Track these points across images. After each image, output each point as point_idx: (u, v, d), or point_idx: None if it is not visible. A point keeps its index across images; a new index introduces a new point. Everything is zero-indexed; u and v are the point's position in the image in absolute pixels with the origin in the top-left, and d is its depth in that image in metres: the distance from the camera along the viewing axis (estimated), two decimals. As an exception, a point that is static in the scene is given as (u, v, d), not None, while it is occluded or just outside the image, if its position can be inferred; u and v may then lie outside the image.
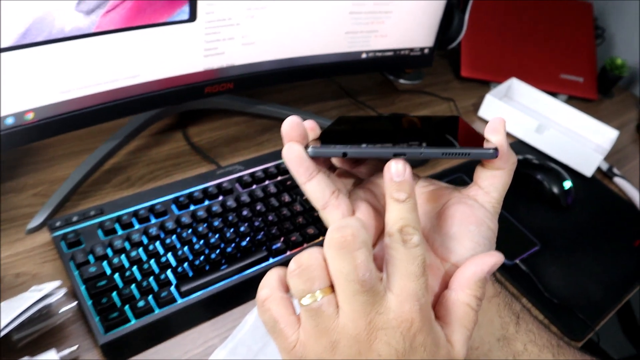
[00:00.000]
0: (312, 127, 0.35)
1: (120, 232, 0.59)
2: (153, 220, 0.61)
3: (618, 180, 0.94)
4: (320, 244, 0.29)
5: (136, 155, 0.74)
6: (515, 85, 1.09)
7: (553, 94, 1.16)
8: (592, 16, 1.25)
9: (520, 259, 0.71)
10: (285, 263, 0.62)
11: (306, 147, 0.32)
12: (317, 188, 0.32)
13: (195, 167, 0.74)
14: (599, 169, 0.97)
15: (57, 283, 0.50)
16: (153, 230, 0.59)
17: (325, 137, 0.35)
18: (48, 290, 0.49)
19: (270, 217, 0.64)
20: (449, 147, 0.32)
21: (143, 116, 0.73)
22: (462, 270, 0.32)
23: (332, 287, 0.29)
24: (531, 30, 1.21)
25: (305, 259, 0.29)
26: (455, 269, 0.33)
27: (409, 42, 0.84)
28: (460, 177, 0.83)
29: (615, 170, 0.96)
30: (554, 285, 0.69)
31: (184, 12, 0.59)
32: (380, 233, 0.35)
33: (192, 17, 0.60)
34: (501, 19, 1.20)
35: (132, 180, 0.70)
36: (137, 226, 0.60)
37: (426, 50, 0.87)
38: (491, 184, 0.35)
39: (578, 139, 1.02)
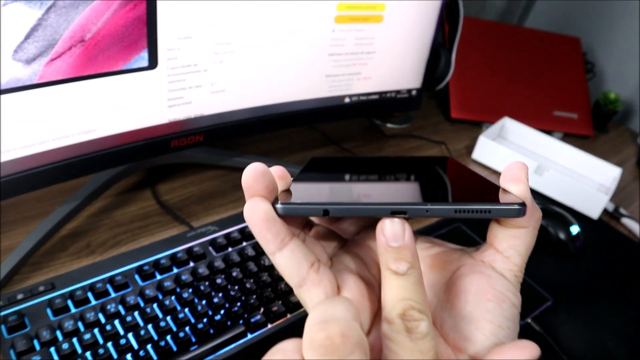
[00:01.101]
0: (280, 175, 0.28)
1: (73, 310, 0.51)
2: (112, 295, 0.53)
3: (626, 221, 0.88)
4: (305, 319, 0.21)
5: (98, 218, 0.66)
6: (509, 125, 1.04)
7: (548, 132, 1.11)
8: (581, 51, 1.21)
9: (532, 317, 0.63)
10: (265, 338, 0.54)
11: (274, 202, 0.25)
12: (291, 260, 0.25)
13: (165, 228, 0.66)
14: (604, 210, 0.91)
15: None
16: (111, 307, 0.51)
17: (299, 188, 0.28)
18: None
19: (248, 285, 0.57)
20: (463, 203, 0.25)
21: (106, 174, 0.66)
22: None
23: None
24: (520, 67, 1.17)
25: None
26: None
27: (394, 84, 0.78)
28: (459, 227, 0.76)
29: (622, 211, 0.90)
30: (571, 344, 0.62)
31: (142, 58, 0.53)
32: (375, 315, 0.27)
33: (153, 64, 0.54)
34: (488, 58, 1.15)
35: (92, 246, 0.62)
36: (93, 302, 0.52)
37: (414, 92, 0.82)
38: (512, 247, 0.28)
39: (580, 179, 0.96)
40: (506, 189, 0.27)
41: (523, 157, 0.91)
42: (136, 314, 0.52)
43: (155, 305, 0.53)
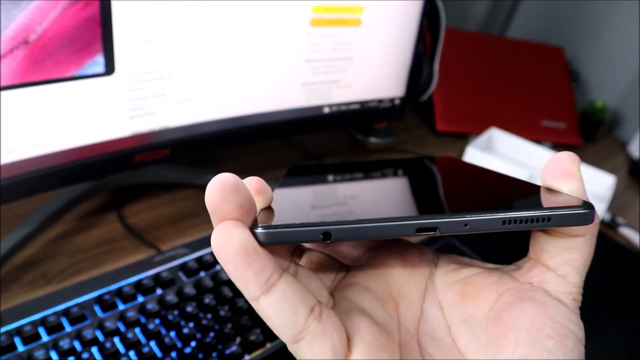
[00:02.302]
0: (258, 189, 0.21)
1: (20, 348, 0.45)
2: (67, 329, 0.47)
3: (624, 230, 0.83)
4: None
5: (57, 244, 0.60)
6: (496, 136, 1.00)
7: (536, 142, 1.07)
8: (565, 60, 1.19)
9: (535, 337, 0.58)
10: (242, 372, 0.48)
11: (254, 227, 0.19)
12: (282, 306, 0.19)
13: (131, 253, 0.61)
14: (601, 221, 0.87)
15: None
16: (65, 343, 0.45)
17: (283, 205, 0.21)
18: None
19: (222, 312, 0.51)
20: (511, 211, 0.19)
21: (66, 195, 0.60)
22: None
23: None
24: (504, 78, 1.14)
25: None
26: None
27: (376, 93, 0.74)
28: (450, 243, 0.71)
29: (619, 220, 0.86)
30: (578, 365, 0.56)
31: (97, 63, 0.48)
32: None
33: (110, 69, 0.49)
34: (472, 69, 1.12)
35: (49, 276, 0.56)
36: (44, 338, 0.46)
37: (397, 101, 0.77)
38: (568, 262, 0.22)
39: (572, 188, 0.92)
40: (553, 188, 0.22)
41: (514, 167, 0.87)
42: (94, 350, 0.46)
43: (116, 339, 0.47)
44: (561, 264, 0.22)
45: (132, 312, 0.49)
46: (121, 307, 0.50)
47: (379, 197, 0.24)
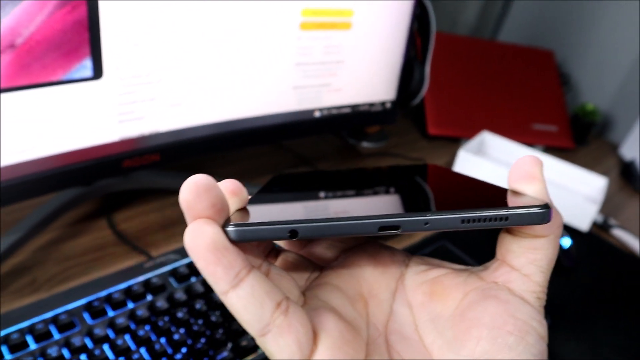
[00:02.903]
0: (233, 190, 0.22)
1: (8, 357, 0.44)
2: (55, 337, 0.46)
3: (617, 232, 0.84)
4: None
5: (46, 251, 0.59)
6: (488, 139, 1.00)
7: (528, 145, 1.07)
8: (555, 63, 1.19)
9: (529, 339, 0.58)
10: (233, 378, 0.48)
11: (225, 225, 0.20)
12: (249, 300, 0.19)
13: (122, 260, 0.60)
14: (593, 222, 0.87)
15: None
16: (53, 351, 0.44)
17: (258, 206, 0.22)
18: None
19: (213, 318, 0.50)
20: (471, 210, 0.20)
21: (55, 202, 0.60)
22: None
23: None
24: (496, 81, 1.14)
25: None
26: None
27: (367, 96, 0.74)
28: (444, 245, 0.71)
29: (612, 222, 0.86)
30: (573, 367, 0.56)
31: (85, 67, 0.47)
32: None
33: (97, 73, 0.48)
34: (463, 73, 1.13)
35: (38, 283, 0.55)
36: (32, 347, 0.45)
37: (388, 105, 0.77)
38: (532, 261, 0.23)
39: (566, 190, 0.92)
40: (518, 190, 0.22)
41: (506, 170, 0.87)
42: (83, 357, 0.45)
43: (106, 346, 0.46)
44: (525, 263, 0.23)
45: (122, 318, 0.48)
46: (111, 313, 0.49)
47: (352, 200, 0.24)
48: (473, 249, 0.71)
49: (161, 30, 0.51)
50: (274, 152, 0.88)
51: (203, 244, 0.19)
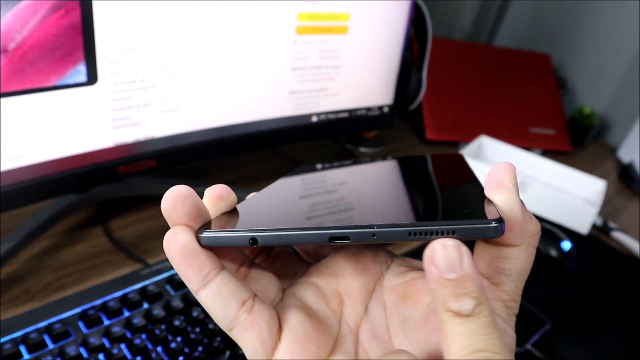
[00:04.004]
0: (219, 195, 0.24)
1: (1, 368, 0.43)
2: (50, 346, 0.45)
3: (617, 234, 0.83)
4: None
5: (40, 259, 0.59)
6: (486, 144, 1.00)
7: (526, 149, 1.07)
8: (552, 67, 1.19)
9: (532, 343, 0.57)
10: (232, 386, 0.47)
11: (199, 232, 0.22)
12: (215, 299, 0.22)
13: (118, 268, 0.59)
14: (593, 225, 0.86)
15: None
16: (48, 361, 0.44)
17: (243, 211, 0.25)
18: None
19: (211, 326, 0.49)
20: (419, 224, 0.20)
21: (49, 209, 0.59)
22: None
23: None
24: (493, 86, 1.14)
25: None
26: None
27: (364, 101, 0.73)
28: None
29: (612, 224, 0.85)
30: (576, 371, 0.55)
31: (79, 72, 0.47)
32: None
33: (92, 78, 0.48)
34: (460, 77, 1.12)
35: (31, 292, 0.54)
36: (25, 357, 0.44)
37: (385, 109, 0.77)
38: (500, 271, 0.22)
39: (565, 193, 0.92)
40: (490, 199, 0.22)
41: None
42: (78, 367, 0.44)
43: (101, 356, 0.45)
44: (494, 272, 0.23)
45: (118, 327, 0.48)
46: (106, 322, 0.48)
47: (326, 207, 0.25)
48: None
49: (156, 35, 0.50)
50: (272, 158, 0.87)
51: (175, 249, 0.21)
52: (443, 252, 0.18)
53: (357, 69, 0.69)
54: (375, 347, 0.24)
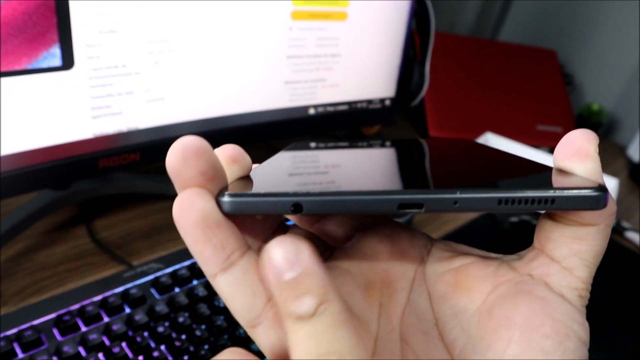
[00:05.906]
0: (233, 157, 0.19)
1: (-36, 380, 0.39)
2: (20, 355, 0.41)
3: (630, 234, 0.79)
4: None
5: (17, 261, 0.55)
6: (492, 141, 0.95)
7: (533, 147, 1.03)
8: (558, 63, 1.16)
9: (546, 351, 0.53)
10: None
11: (220, 195, 0.17)
12: (239, 288, 0.17)
13: (100, 270, 0.55)
14: (605, 225, 0.82)
15: None
16: (16, 372, 0.40)
17: (262, 176, 0.20)
18: None
19: (198, 333, 0.45)
20: (510, 190, 0.17)
21: (27, 208, 0.55)
22: None
23: None
24: (497, 82, 1.10)
25: None
26: None
27: (365, 93, 0.69)
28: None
29: (625, 224, 0.81)
30: (594, 381, 0.51)
31: (53, 55, 0.43)
32: None
33: (68, 63, 0.44)
34: (464, 73, 1.09)
35: (5, 296, 0.50)
36: (-8, 368, 0.40)
37: (387, 102, 0.73)
38: (575, 253, 0.19)
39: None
40: (565, 169, 0.19)
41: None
42: (50, 378, 0.40)
43: (76, 366, 0.41)
44: (568, 255, 0.19)
45: (95, 334, 0.43)
46: (83, 329, 0.44)
47: (366, 173, 0.21)
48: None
49: (140, 17, 0.46)
50: (268, 154, 0.83)
51: (191, 219, 0.16)
52: (279, 249, 0.15)
53: (357, 59, 0.65)
54: (424, 345, 0.21)
